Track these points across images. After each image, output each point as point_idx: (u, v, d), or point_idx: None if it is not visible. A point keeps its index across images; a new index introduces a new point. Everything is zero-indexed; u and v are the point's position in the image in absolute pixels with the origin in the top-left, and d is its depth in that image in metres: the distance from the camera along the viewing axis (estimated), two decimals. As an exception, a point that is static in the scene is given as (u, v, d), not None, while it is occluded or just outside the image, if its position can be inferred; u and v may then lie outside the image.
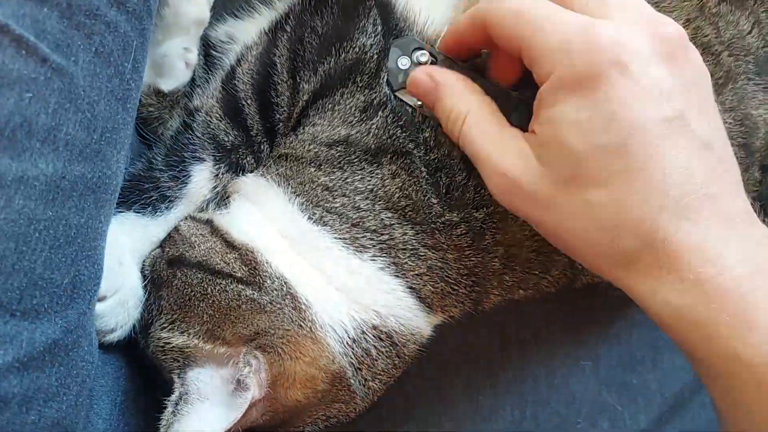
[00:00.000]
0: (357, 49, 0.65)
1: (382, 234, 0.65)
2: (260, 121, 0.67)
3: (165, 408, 0.62)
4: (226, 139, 0.67)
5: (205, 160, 0.68)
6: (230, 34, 0.80)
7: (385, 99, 0.65)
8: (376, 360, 0.67)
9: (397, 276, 0.66)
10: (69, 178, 0.51)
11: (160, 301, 0.65)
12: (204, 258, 0.64)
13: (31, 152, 0.48)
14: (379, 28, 0.66)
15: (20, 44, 0.47)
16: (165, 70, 0.73)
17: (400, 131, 0.65)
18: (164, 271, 0.65)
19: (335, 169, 0.66)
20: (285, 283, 0.65)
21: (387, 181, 0.65)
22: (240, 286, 0.63)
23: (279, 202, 0.67)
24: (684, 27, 0.74)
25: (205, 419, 0.61)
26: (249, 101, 0.67)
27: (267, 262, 0.65)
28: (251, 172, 0.70)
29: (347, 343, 0.65)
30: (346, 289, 0.66)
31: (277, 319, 0.63)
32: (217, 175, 0.68)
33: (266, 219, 0.68)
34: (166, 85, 0.74)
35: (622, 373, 0.83)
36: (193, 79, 0.77)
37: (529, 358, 0.82)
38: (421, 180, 0.65)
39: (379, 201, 0.65)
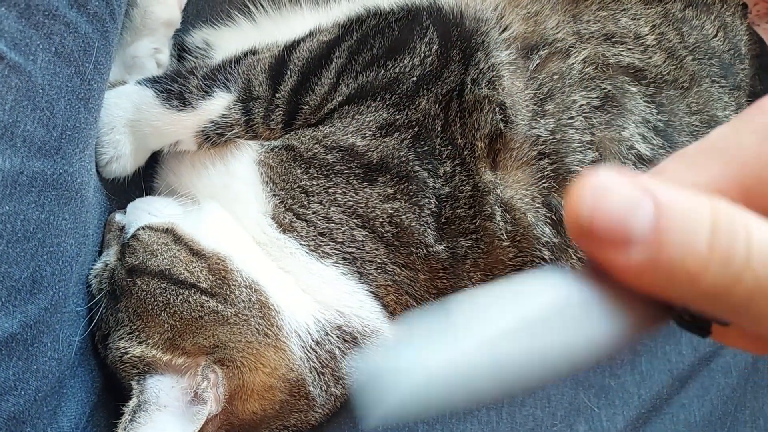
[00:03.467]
0: (398, 69, 0.66)
1: (349, 247, 0.66)
2: (290, 93, 0.68)
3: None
4: (256, 87, 0.68)
5: (231, 92, 0.68)
6: (207, 41, 0.80)
7: (406, 123, 0.66)
8: (341, 362, 0.67)
9: (360, 282, 0.67)
10: (27, 173, 0.52)
11: (118, 312, 0.65)
12: (167, 267, 0.64)
13: None
14: (435, 47, 0.67)
15: None
16: (136, 70, 0.74)
17: (414, 156, 0.66)
18: (123, 280, 0.65)
19: (320, 176, 0.66)
20: (256, 290, 0.65)
21: (373, 202, 0.65)
22: (203, 297, 0.63)
23: (254, 204, 0.68)
24: (648, 33, 0.76)
25: (163, 430, 0.61)
26: (293, 73, 0.68)
27: (238, 270, 0.66)
28: (254, 132, 0.70)
29: (310, 346, 0.65)
30: (310, 289, 0.66)
31: (240, 330, 0.63)
32: (231, 110, 0.68)
33: (239, 224, 0.69)
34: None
35: (600, 375, 0.82)
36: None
37: (504, 359, 0.81)
38: (424, 209, 0.66)
39: (356, 218, 0.66)
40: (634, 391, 0.82)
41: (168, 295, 0.63)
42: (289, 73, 0.67)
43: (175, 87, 0.68)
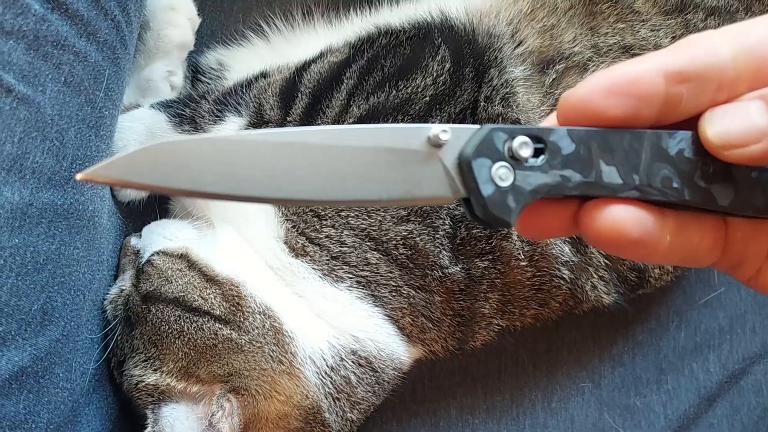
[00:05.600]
0: (410, 89, 0.65)
1: (363, 270, 0.65)
2: (301, 116, 0.67)
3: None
4: (267, 111, 0.68)
5: (242, 116, 0.68)
6: (221, 62, 0.80)
7: None
8: (356, 387, 0.66)
9: (375, 305, 0.66)
10: (37, 205, 0.51)
11: (133, 339, 0.64)
12: (181, 294, 0.64)
13: None
14: (447, 65, 0.66)
15: None
16: (150, 93, 0.74)
17: None
18: (138, 307, 0.64)
19: None
20: (270, 316, 0.65)
21: (387, 224, 0.65)
22: (217, 324, 0.63)
23: (266, 229, 0.67)
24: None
25: None
26: (304, 96, 0.67)
27: (252, 296, 0.65)
28: None
29: (325, 372, 0.64)
30: (324, 314, 0.66)
31: (254, 358, 0.63)
32: None
33: (252, 249, 0.68)
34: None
35: (624, 395, 0.81)
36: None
37: (525, 380, 0.80)
38: (438, 231, 0.65)
39: (369, 241, 0.65)
40: (660, 411, 0.80)
41: (182, 323, 0.63)
42: (300, 95, 0.67)
43: (187, 111, 0.68)
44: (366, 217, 0.65)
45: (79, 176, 0.27)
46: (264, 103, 0.68)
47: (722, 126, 0.30)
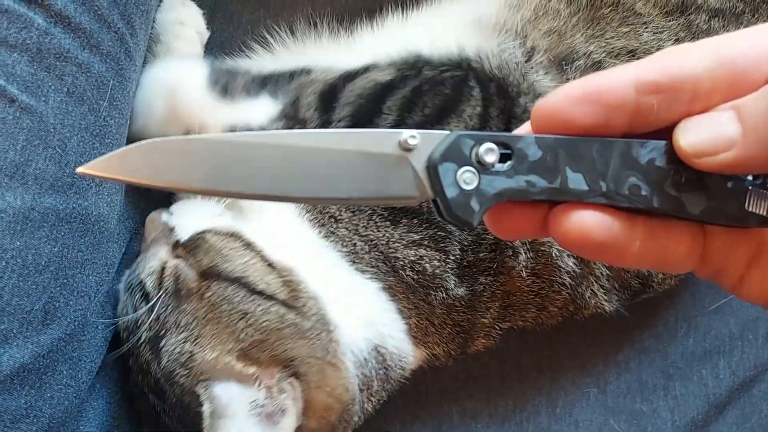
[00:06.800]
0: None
1: (376, 268, 0.67)
2: (329, 125, 0.68)
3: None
4: (303, 107, 0.68)
5: (277, 101, 0.69)
6: None
7: None
8: (373, 381, 0.66)
9: (391, 300, 0.67)
10: (39, 209, 0.54)
11: (180, 314, 0.62)
12: (243, 275, 0.63)
13: None
14: (479, 109, 0.67)
15: None
16: None
17: None
18: (194, 282, 0.63)
19: (346, 208, 0.67)
20: (317, 303, 0.64)
21: (395, 244, 0.66)
22: (283, 309, 0.62)
23: (292, 216, 0.69)
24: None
25: None
26: (344, 107, 0.68)
27: (304, 282, 0.65)
28: None
29: (361, 363, 0.65)
30: (356, 305, 0.66)
31: (313, 346, 0.62)
32: (273, 126, 0.68)
33: (294, 234, 0.68)
34: None
35: (630, 401, 0.80)
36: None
37: (529, 384, 0.80)
38: (449, 256, 0.66)
39: (377, 252, 0.66)
40: (668, 417, 0.79)
41: (247, 304, 0.62)
42: (339, 105, 0.68)
43: (222, 78, 0.70)
44: (374, 230, 0.66)
45: (78, 170, 0.29)
46: (302, 99, 0.68)
47: (695, 135, 0.31)
